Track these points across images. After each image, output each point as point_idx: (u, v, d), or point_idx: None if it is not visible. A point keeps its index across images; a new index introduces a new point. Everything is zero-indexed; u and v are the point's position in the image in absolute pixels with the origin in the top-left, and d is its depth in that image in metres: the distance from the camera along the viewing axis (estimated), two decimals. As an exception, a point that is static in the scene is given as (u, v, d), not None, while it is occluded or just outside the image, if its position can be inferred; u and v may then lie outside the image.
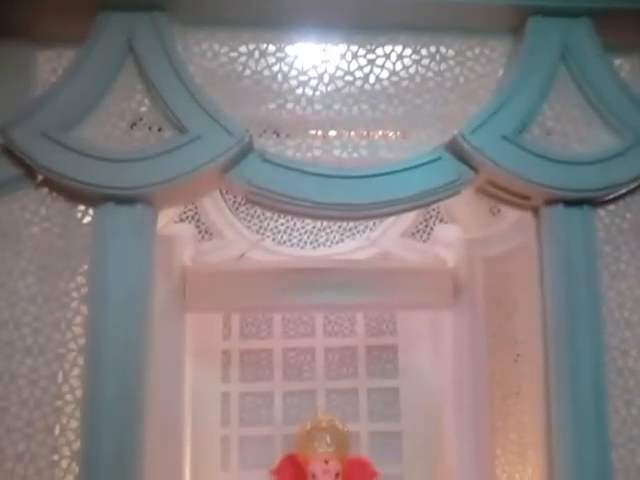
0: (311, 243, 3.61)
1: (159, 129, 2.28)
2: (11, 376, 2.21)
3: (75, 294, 2.27)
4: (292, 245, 3.59)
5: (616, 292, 2.37)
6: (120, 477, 2.17)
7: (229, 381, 3.42)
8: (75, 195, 2.29)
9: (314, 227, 3.63)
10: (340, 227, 3.64)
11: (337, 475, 2.96)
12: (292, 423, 3.28)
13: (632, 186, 2.36)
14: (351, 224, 3.63)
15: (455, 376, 3.23)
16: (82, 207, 2.31)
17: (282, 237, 3.60)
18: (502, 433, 3.14)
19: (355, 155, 2.45)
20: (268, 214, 3.62)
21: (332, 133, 2.48)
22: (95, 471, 2.16)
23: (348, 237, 3.62)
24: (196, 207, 3.55)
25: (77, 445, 2.18)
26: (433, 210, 3.60)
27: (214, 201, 3.57)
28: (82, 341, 2.24)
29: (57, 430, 2.19)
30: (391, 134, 2.54)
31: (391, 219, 3.60)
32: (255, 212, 3.63)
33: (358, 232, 3.62)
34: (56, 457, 2.18)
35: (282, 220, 3.63)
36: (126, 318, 2.23)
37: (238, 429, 3.39)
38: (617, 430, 2.31)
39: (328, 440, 3.06)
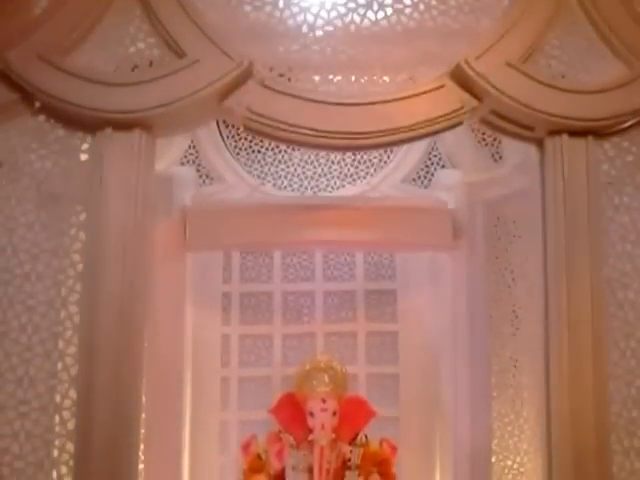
0: (312, 189, 3.58)
1: (158, 53, 2.24)
2: (9, 302, 2.21)
3: (73, 220, 2.26)
4: (292, 190, 3.57)
5: (618, 225, 2.35)
6: (118, 402, 2.17)
7: (229, 323, 3.42)
8: (73, 121, 2.26)
9: (314, 173, 3.60)
10: (341, 173, 3.61)
11: (334, 413, 2.97)
12: (291, 365, 3.28)
13: (638, 118, 2.32)
14: (352, 169, 3.60)
15: (453, 320, 3.23)
16: (80, 134, 2.28)
17: (282, 182, 3.58)
18: (499, 375, 3.15)
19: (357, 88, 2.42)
20: (269, 159, 3.60)
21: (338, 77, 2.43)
22: (93, 396, 2.16)
23: (349, 183, 3.59)
24: (197, 151, 3.53)
25: (75, 370, 2.19)
26: (434, 156, 3.57)
27: (215, 145, 3.55)
28: (80, 267, 2.23)
29: (55, 355, 2.19)
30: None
31: (392, 165, 3.58)
32: (256, 157, 3.61)
33: (359, 178, 3.59)
34: (55, 382, 2.19)
35: (282, 166, 3.60)
36: (124, 245, 2.21)
37: (238, 370, 3.40)
38: (615, 362, 2.32)
39: (326, 379, 3.07)
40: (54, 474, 2.15)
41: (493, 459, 3.08)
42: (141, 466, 2.62)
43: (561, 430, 2.29)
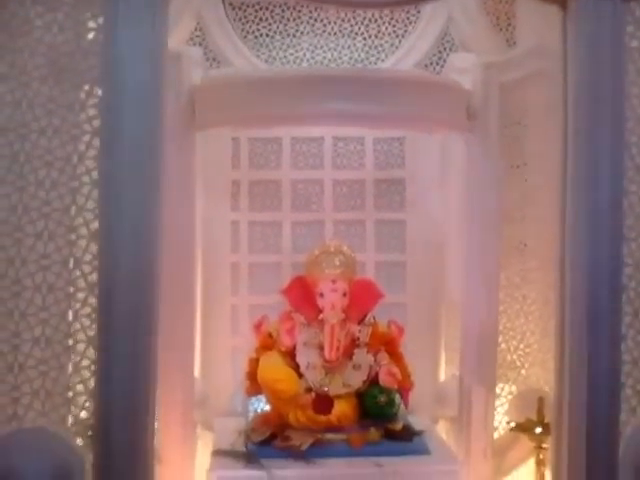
0: (321, 75, 3.53)
1: None
2: (26, 157, 2.17)
3: (88, 75, 2.20)
4: (301, 77, 3.51)
5: (640, 89, 2.33)
6: (137, 257, 2.18)
7: (238, 210, 3.42)
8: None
9: (324, 58, 3.56)
10: (351, 59, 3.56)
11: (344, 294, 3.01)
12: (300, 252, 3.31)
13: (669, -26, 2.27)
14: (362, 55, 3.55)
15: (462, 208, 3.22)
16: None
17: (291, 67, 3.53)
18: (506, 258, 3.18)
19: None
20: (277, 43, 3.53)
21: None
22: (113, 251, 2.16)
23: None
24: (203, 34, 3.47)
25: (95, 225, 2.19)
26: (447, 42, 3.52)
27: (222, 28, 3.48)
28: (97, 123, 2.19)
29: (74, 210, 2.19)
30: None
31: (403, 50, 3.52)
32: (264, 41, 3.55)
33: (370, 63, 3.54)
34: (74, 236, 2.19)
35: (291, 50, 3.55)
36: (138, 101, 2.17)
37: (247, 256, 3.42)
38: (630, 226, 2.34)
39: (336, 262, 3.11)
40: (77, 325, 2.17)
41: (500, 339, 3.15)
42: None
43: (574, 284, 2.32)
